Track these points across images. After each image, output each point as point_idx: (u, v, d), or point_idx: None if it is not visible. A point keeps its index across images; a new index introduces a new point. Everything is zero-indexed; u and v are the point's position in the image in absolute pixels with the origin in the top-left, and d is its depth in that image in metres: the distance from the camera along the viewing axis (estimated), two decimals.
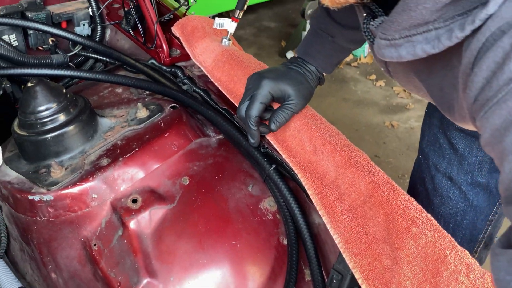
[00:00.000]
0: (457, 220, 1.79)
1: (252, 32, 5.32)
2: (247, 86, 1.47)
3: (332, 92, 4.47)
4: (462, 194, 1.76)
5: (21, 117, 1.53)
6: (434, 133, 1.79)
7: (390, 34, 0.95)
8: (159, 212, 1.43)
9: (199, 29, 1.75)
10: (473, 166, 1.71)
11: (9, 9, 1.95)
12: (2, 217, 1.61)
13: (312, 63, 1.55)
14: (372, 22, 1.06)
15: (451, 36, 0.86)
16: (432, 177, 1.81)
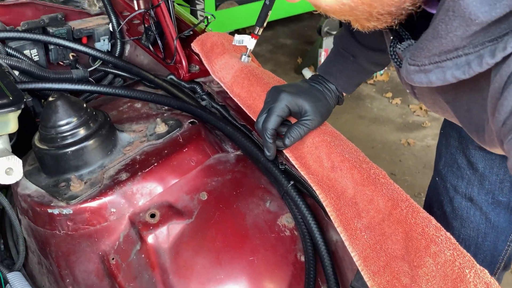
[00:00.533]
0: (478, 242, 1.76)
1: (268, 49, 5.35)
2: (266, 99, 1.49)
3: (348, 109, 4.47)
4: (483, 215, 1.73)
5: (41, 131, 1.54)
6: (451, 153, 1.77)
7: (420, 60, 0.96)
8: (177, 227, 1.43)
9: (219, 45, 1.77)
10: (494, 185, 1.68)
11: (31, 24, 1.98)
12: (21, 230, 1.62)
13: (332, 82, 1.56)
14: (399, 46, 1.07)
15: (482, 63, 0.86)
16: (451, 199, 1.79)
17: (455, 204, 1.77)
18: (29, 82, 1.79)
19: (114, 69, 2.01)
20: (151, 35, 1.92)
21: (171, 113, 1.70)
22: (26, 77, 1.84)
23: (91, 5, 2.18)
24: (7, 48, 1.88)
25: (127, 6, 2.16)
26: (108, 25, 2.09)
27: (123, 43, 2.09)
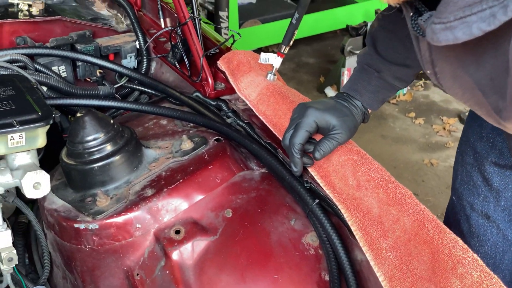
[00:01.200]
0: (496, 261, 1.74)
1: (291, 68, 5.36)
2: (292, 115, 1.49)
3: (371, 129, 4.46)
4: (500, 233, 1.72)
5: (69, 146, 1.56)
6: (467, 170, 1.77)
7: (445, 17, 0.96)
8: (201, 243, 1.43)
9: (245, 63, 1.78)
10: (510, 201, 1.68)
11: (60, 41, 2.01)
12: (46, 244, 1.63)
13: (358, 98, 1.56)
14: (421, 18, 1.09)
15: (507, 11, 0.87)
16: (468, 217, 1.78)
17: (472, 222, 1.76)
18: (57, 98, 1.81)
19: (140, 86, 2.03)
20: (178, 52, 1.93)
21: (197, 130, 1.70)
22: (54, 93, 1.87)
23: (119, 23, 2.21)
24: (36, 64, 1.91)
25: (154, 24, 2.18)
26: (135, 42, 2.12)
27: (149, 60, 2.11)
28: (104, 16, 2.25)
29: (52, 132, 1.51)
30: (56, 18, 2.08)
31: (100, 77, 2.04)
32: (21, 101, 1.50)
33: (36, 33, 2.05)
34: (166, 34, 2.10)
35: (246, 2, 5.27)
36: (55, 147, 1.66)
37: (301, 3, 1.64)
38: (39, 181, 1.41)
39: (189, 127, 1.74)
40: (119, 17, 2.23)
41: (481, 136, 1.72)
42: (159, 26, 2.14)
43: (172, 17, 2.10)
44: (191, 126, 1.74)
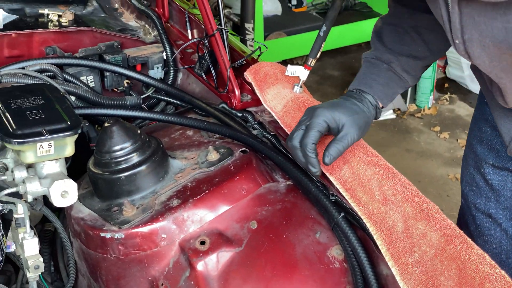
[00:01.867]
0: (502, 259, 1.77)
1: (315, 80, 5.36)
2: (301, 118, 1.48)
3: (395, 143, 4.43)
4: (504, 232, 1.75)
5: (96, 156, 1.57)
6: (470, 173, 1.82)
7: None
8: (226, 255, 1.44)
9: (271, 75, 1.78)
10: (509, 201, 1.72)
11: (89, 51, 2.04)
12: (72, 253, 1.65)
13: (368, 92, 1.56)
14: None
15: None
16: (473, 217, 1.82)
17: (477, 221, 1.81)
18: (85, 107, 1.83)
19: (167, 97, 2.04)
20: (205, 64, 1.94)
21: (223, 141, 1.71)
22: (82, 103, 1.89)
23: (146, 34, 2.23)
24: (65, 74, 1.93)
25: (181, 35, 2.20)
26: (162, 53, 2.13)
27: (176, 71, 2.13)
28: (132, 27, 2.27)
29: (79, 141, 1.53)
30: (85, 28, 2.11)
31: (127, 87, 2.06)
32: (51, 110, 1.52)
33: (65, 43, 2.07)
34: (193, 45, 2.11)
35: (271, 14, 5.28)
36: (82, 156, 1.68)
37: (329, 16, 1.64)
38: (66, 189, 1.43)
39: (215, 138, 1.75)
40: (147, 28, 2.25)
41: (481, 139, 1.78)
42: (186, 37, 2.16)
43: (199, 28, 2.11)
44: (217, 137, 1.75)
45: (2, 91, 1.59)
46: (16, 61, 1.90)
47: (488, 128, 1.76)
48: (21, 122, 1.45)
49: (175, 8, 2.24)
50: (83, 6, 2.29)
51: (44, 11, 2.14)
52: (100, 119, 1.95)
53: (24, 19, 2.13)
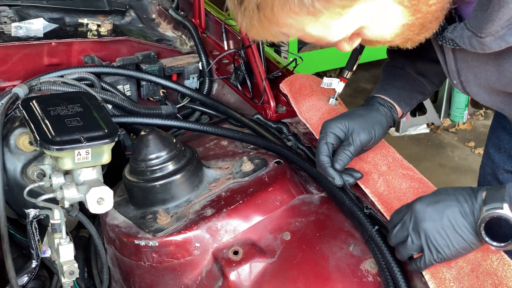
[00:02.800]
0: None
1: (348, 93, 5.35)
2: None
3: (428, 157, 4.40)
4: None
5: (132, 164, 1.59)
6: (487, 181, 1.85)
7: (494, 30, 1.09)
8: (259, 265, 1.43)
9: (307, 87, 1.78)
10: None
11: (126, 61, 2.07)
12: (106, 259, 1.66)
13: (384, 96, 1.56)
14: (447, 31, 1.21)
15: None
16: None
17: None
18: (122, 115, 1.85)
19: (202, 107, 2.05)
20: (240, 74, 1.96)
21: (257, 152, 1.71)
22: (118, 111, 1.91)
23: (183, 44, 2.25)
24: (102, 83, 1.96)
25: (217, 46, 2.21)
26: (198, 63, 2.15)
27: (211, 81, 2.14)
28: (169, 37, 2.30)
29: (115, 149, 1.54)
30: (123, 38, 2.13)
31: (163, 96, 2.08)
32: (89, 118, 1.54)
33: (103, 52, 2.10)
34: (228, 56, 2.12)
35: None
36: (118, 164, 1.69)
37: None
38: (103, 196, 1.44)
39: (249, 149, 1.75)
40: (184, 39, 2.27)
41: (499, 147, 1.80)
42: (222, 48, 2.18)
43: (235, 39, 2.13)
44: (251, 147, 1.75)
45: (42, 98, 1.62)
46: (55, 69, 1.94)
47: (507, 136, 1.78)
48: (60, 129, 1.47)
49: (211, 19, 2.26)
50: (121, 16, 2.32)
51: (83, 21, 2.17)
52: (135, 128, 1.97)
53: (64, 28, 2.16)
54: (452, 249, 1.21)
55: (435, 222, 1.22)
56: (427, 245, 1.22)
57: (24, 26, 2.04)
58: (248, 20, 1.10)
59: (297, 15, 1.05)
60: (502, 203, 1.16)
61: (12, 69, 1.99)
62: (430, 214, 1.23)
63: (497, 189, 1.19)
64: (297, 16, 1.06)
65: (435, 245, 1.22)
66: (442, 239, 1.21)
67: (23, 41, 2.01)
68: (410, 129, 4.71)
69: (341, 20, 1.08)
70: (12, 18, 2.13)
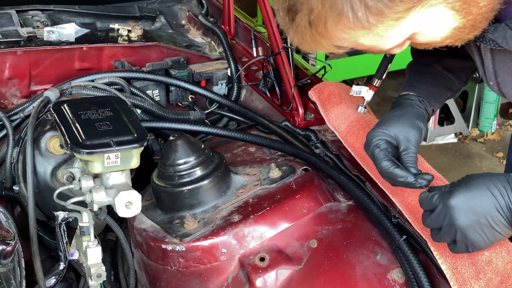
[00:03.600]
0: None
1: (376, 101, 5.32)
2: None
3: (456, 167, 4.36)
4: None
5: (160, 168, 1.60)
6: None
7: None
8: (285, 272, 1.44)
9: (336, 94, 1.78)
10: None
11: (156, 66, 2.08)
12: (133, 263, 1.67)
13: (413, 92, 1.52)
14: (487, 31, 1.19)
15: None
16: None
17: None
18: (151, 120, 1.87)
19: (230, 113, 2.06)
20: (269, 81, 1.96)
21: (285, 159, 1.71)
22: (147, 116, 1.92)
23: (212, 50, 2.26)
24: (132, 88, 1.97)
25: (246, 53, 2.22)
26: (227, 70, 2.16)
27: (239, 87, 2.15)
28: (198, 43, 2.31)
29: (143, 154, 1.55)
30: (153, 44, 2.15)
31: (191, 102, 2.09)
32: (118, 122, 1.55)
33: (133, 57, 2.12)
34: (257, 63, 2.13)
35: None
36: (145, 169, 1.70)
37: None
38: (131, 200, 1.45)
39: (277, 156, 1.75)
40: (213, 45, 2.28)
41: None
42: (251, 54, 2.18)
43: (264, 46, 2.13)
44: (279, 154, 1.75)
45: (73, 102, 1.64)
46: (86, 74, 1.96)
47: None
48: (90, 133, 1.49)
49: (241, 25, 2.27)
50: (151, 22, 2.34)
51: (114, 26, 2.19)
52: (163, 133, 1.98)
53: (95, 33, 2.19)
54: (487, 243, 1.20)
55: (471, 221, 1.19)
56: (463, 241, 1.21)
57: (56, 30, 2.07)
58: (301, 36, 1.12)
59: (351, 29, 1.07)
60: None
61: (44, 73, 2.02)
62: (466, 212, 1.19)
63: None
64: (351, 30, 1.07)
65: (471, 241, 1.20)
66: (479, 235, 1.19)
67: (55, 45, 2.04)
68: (437, 138, 4.67)
69: (394, 30, 1.09)
70: (44, 22, 2.16)
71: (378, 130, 1.40)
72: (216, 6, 2.42)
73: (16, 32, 2.05)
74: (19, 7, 2.19)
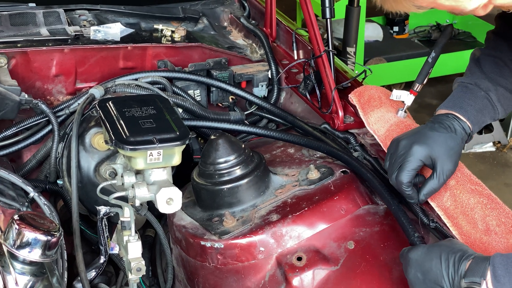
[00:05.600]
0: None
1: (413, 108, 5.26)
2: (398, 151, 1.47)
3: (493, 176, 4.31)
4: None
5: (201, 167, 1.63)
6: None
7: None
8: (322, 272, 1.45)
9: (376, 98, 1.79)
10: None
11: (198, 66, 2.12)
12: (171, 259, 1.70)
13: (462, 116, 1.52)
14: None
15: None
16: None
17: None
18: (192, 119, 1.90)
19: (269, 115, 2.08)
20: (310, 84, 1.97)
21: (323, 161, 1.72)
22: (188, 115, 1.95)
23: (253, 52, 2.29)
24: (174, 87, 2.00)
25: (286, 55, 2.24)
26: (267, 72, 2.18)
27: (279, 90, 2.17)
28: (240, 45, 2.33)
29: (183, 152, 1.58)
30: (196, 44, 2.18)
31: (232, 103, 2.12)
32: (161, 120, 1.58)
33: (176, 57, 2.15)
34: (297, 65, 2.15)
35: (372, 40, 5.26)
36: (184, 167, 1.73)
37: (439, 43, 1.64)
38: (172, 197, 1.48)
39: (315, 158, 1.76)
40: (254, 47, 2.31)
41: None
42: (291, 57, 2.20)
43: (305, 49, 2.15)
44: (317, 156, 1.77)
45: (117, 100, 1.67)
46: (129, 73, 2.00)
47: None
48: (134, 130, 1.52)
49: (282, 28, 2.29)
50: (194, 23, 2.37)
51: (158, 27, 2.23)
52: (203, 132, 2.01)
53: (139, 33, 2.23)
54: None
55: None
56: None
57: (102, 30, 2.11)
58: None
59: None
60: (481, 279, 1.17)
61: (89, 70, 2.06)
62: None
63: (480, 262, 1.20)
64: None
65: None
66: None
67: (101, 44, 2.08)
68: (475, 146, 4.62)
69: None
70: (91, 21, 2.20)
71: (424, 147, 1.44)
72: (258, 8, 2.44)
73: (64, 31, 2.10)
74: (67, 6, 2.24)
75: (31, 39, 2.04)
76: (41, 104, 1.82)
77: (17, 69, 1.97)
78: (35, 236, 1.32)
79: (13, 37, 2.03)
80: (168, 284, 1.72)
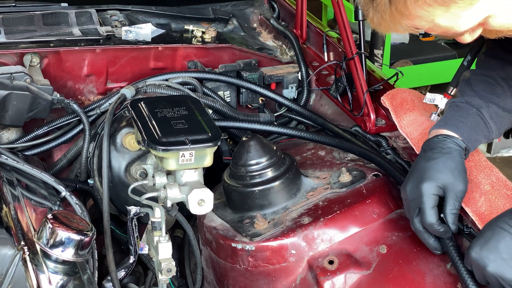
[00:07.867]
0: None
1: None
2: (409, 198, 1.44)
3: None
4: None
5: (232, 168, 1.62)
6: None
7: None
8: (354, 276, 1.44)
9: (408, 101, 1.77)
10: None
11: (228, 68, 2.12)
12: (200, 260, 1.70)
13: (455, 133, 1.49)
14: None
15: None
16: None
17: None
18: (222, 119, 1.90)
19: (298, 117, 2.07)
20: (341, 86, 1.96)
21: (355, 164, 1.71)
22: (218, 116, 1.95)
23: (283, 54, 2.28)
24: (204, 88, 2.01)
25: (317, 57, 2.23)
26: (297, 73, 2.17)
27: (309, 92, 2.16)
28: (270, 46, 2.33)
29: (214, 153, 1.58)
30: (226, 45, 2.18)
31: (261, 104, 2.11)
32: (193, 121, 1.58)
33: (206, 58, 2.15)
34: (328, 68, 2.13)
35: (398, 42, 5.23)
36: (214, 169, 1.73)
37: (474, 46, 1.62)
38: (203, 198, 1.47)
39: (346, 160, 1.75)
40: (284, 48, 2.30)
41: None
42: (321, 59, 2.19)
43: (336, 51, 2.14)
44: (348, 159, 1.75)
45: (149, 100, 1.68)
46: (160, 73, 2.00)
47: None
48: (166, 131, 1.52)
49: (312, 30, 2.28)
50: (224, 24, 2.37)
51: (189, 27, 2.23)
52: (233, 134, 2.01)
53: (170, 34, 2.23)
54: None
55: (495, 262, 1.25)
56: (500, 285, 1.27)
57: (133, 30, 2.12)
58: (380, 15, 1.16)
59: (430, 6, 1.10)
60: None
61: (120, 71, 2.07)
62: (487, 256, 1.26)
63: None
64: (429, 7, 1.10)
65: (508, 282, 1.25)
66: None
67: (132, 44, 2.09)
68: (502, 150, 4.58)
69: (471, 10, 1.12)
70: (122, 22, 2.21)
71: (434, 182, 1.41)
72: (288, 10, 2.43)
73: (96, 31, 2.11)
74: (99, 6, 2.25)
75: (64, 38, 2.06)
76: (73, 103, 1.83)
77: (49, 68, 1.99)
78: (69, 235, 1.33)
79: (45, 36, 2.05)
80: (197, 285, 1.72)
